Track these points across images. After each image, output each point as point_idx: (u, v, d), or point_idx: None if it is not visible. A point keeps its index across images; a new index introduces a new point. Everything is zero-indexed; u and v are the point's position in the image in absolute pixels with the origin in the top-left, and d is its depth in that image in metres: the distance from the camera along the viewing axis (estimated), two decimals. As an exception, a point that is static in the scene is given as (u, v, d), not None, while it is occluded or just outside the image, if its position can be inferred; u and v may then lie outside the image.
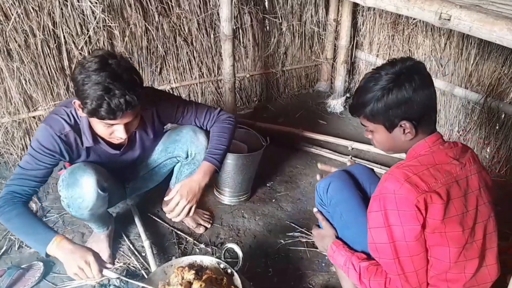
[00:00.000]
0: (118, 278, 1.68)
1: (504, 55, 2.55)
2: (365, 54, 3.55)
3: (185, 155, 2.01)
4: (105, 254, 2.00)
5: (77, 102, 1.54)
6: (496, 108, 2.68)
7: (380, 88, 1.35)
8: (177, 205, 1.75)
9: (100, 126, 1.58)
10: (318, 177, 1.80)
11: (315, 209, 1.77)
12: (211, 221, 2.30)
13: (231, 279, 1.66)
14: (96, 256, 1.53)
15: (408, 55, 3.19)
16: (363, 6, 3.36)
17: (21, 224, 1.58)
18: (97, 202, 1.76)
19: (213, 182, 2.43)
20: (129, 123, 1.60)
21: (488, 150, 2.80)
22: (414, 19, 2.98)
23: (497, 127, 2.72)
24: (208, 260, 1.74)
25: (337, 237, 1.63)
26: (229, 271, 1.71)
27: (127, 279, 1.62)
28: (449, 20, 1.53)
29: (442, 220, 1.28)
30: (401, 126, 1.38)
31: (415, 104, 1.34)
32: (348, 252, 1.53)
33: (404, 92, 1.33)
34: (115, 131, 1.60)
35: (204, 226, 2.26)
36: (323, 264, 2.08)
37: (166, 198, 1.84)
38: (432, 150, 1.38)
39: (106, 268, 1.55)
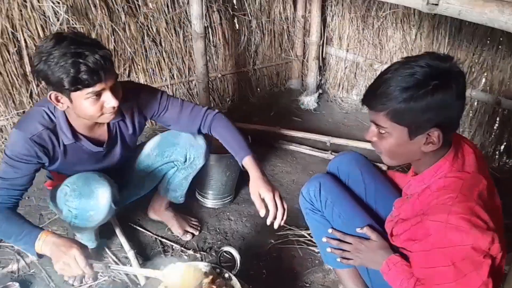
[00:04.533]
0: (106, 270, 1.55)
1: (475, 44, 2.61)
2: (335, 49, 3.54)
3: (183, 159, 1.89)
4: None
5: (52, 93, 1.42)
6: (469, 96, 2.73)
7: (422, 83, 1.13)
8: (275, 207, 1.52)
9: (87, 104, 1.43)
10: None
11: (358, 229, 1.50)
12: (199, 228, 2.20)
13: (229, 283, 1.59)
14: (82, 249, 1.40)
15: (379, 48, 3.21)
16: (331, 1, 3.36)
17: (8, 227, 1.49)
18: (107, 217, 1.66)
19: (195, 186, 2.32)
20: (115, 87, 1.47)
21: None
22: (384, 11, 3.00)
23: (471, 115, 2.78)
24: (202, 266, 1.65)
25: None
26: (226, 275, 1.63)
27: (118, 269, 1.64)
28: (437, 5, 1.51)
29: (501, 250, 1.17)
30: (428, 134, 1.18)
31: (454, 111, 1.18)
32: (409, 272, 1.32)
33: (449, 95, 1.13)
34: (104, 102, 1.45)
35: (192, 233, 2.15)
36: (316, 262, 2.03)
37: (261, 212, 1.52)
38: (457, 170, 1.23)
39: (92, 263, 1.42)
